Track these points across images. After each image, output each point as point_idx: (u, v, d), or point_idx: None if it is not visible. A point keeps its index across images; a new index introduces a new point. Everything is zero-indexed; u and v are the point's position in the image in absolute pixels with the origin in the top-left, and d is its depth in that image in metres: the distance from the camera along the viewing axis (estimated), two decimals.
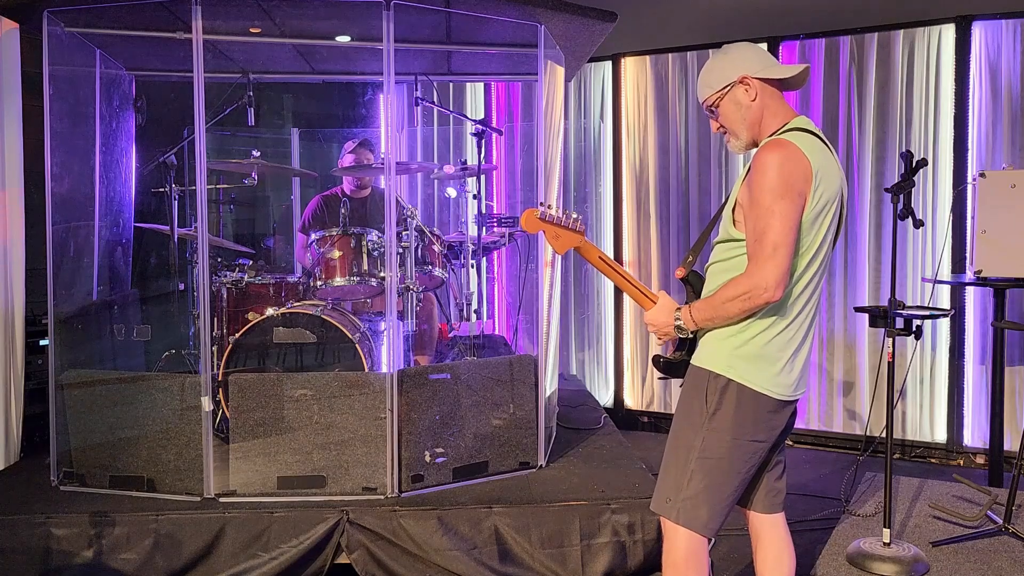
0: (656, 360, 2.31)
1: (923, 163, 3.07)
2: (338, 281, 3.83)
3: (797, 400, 2.22)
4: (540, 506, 3.15)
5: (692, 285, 2.28)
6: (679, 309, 2.19)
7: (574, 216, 2.22)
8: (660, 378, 2.34)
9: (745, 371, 2.11)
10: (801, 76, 2.19)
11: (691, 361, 2.22)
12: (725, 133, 2.24)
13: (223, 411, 3.60)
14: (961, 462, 4.62)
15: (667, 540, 2.20)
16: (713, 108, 2.21)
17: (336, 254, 3.83)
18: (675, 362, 2.27)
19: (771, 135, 2.15)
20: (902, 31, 4.67)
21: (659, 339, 2.29)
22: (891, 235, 3.15)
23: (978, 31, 4.51)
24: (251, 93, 4.10)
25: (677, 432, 2.21)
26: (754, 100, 2.16)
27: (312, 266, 3.97)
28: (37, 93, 3.51)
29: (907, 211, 3.03)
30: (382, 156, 4.52)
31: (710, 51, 5.08)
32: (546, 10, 3.52)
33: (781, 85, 2.20)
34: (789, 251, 2.02)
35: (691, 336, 2.23)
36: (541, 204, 2.21)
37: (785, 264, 2.02)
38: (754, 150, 2.20)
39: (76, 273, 3.82)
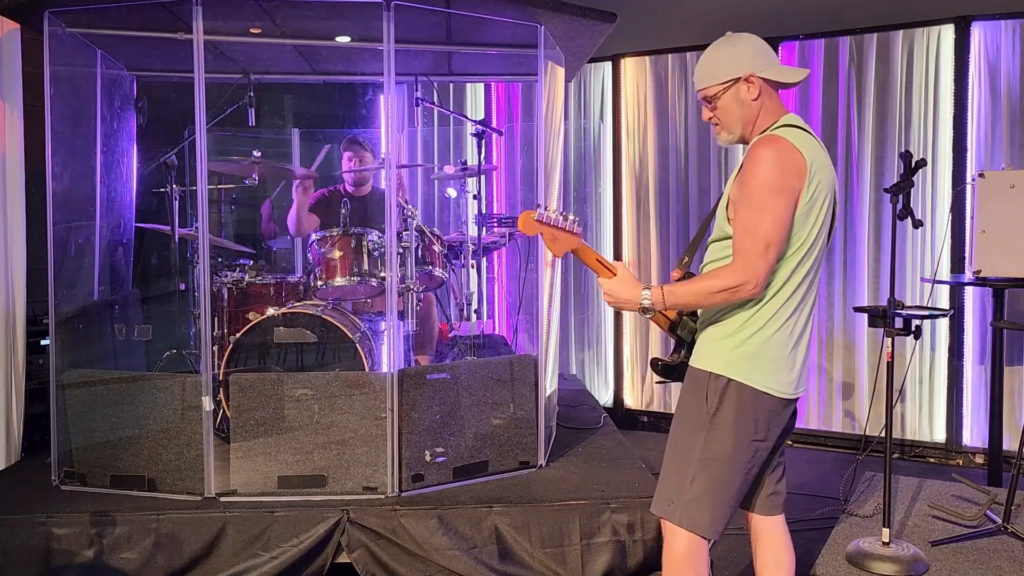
0: (654, 364, 2.30)
1: (922, 163, 3.07)
2: (338, 281, 3.84)
3: (797, 399, 2.22)
4: (540, 505, 3.15)
5: None
6: (649, 288, 2.11)
7: (571, 218, 2.18)
8: (658, 382, 2.33)
9: (745, 370, 2.10)
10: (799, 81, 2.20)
11: (689, 363, 2.22)
12: (716, 124, 2.22)
13: (224, 411, 3.61)
14: (960, 462, 4.63)
15: (667, 540, 2.20)
16: (711, 98, 2.18)
17: (336, 254, 3.84)
18: (673, 365, 2.27)
19: (763, 132, 2.14)
20: (901, 31, 4.68)
21: (613, 307, 2.20)
22: (890, 235, 3.15)
23: (977, 31, 4.51)
24: (252, 93, 4.10)
25: (677, 434, 2.20)
26: (756, 99, 2.14)
27: (312, 266, 3.98)
28: (38, 93, 3.51)
29: (906, 211, 3.04)
30: (382, 156, 4.53)
31: None
32: (546, 10, 3.52)
33: (779, 85, 2.20)
34: (779, 249, 2.02)
35: (690, 339, 2.24)
36: (539, 206, 2.18)
37: (774, 262, 2.02)
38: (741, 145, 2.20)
39: (77, 273, 3.83)
